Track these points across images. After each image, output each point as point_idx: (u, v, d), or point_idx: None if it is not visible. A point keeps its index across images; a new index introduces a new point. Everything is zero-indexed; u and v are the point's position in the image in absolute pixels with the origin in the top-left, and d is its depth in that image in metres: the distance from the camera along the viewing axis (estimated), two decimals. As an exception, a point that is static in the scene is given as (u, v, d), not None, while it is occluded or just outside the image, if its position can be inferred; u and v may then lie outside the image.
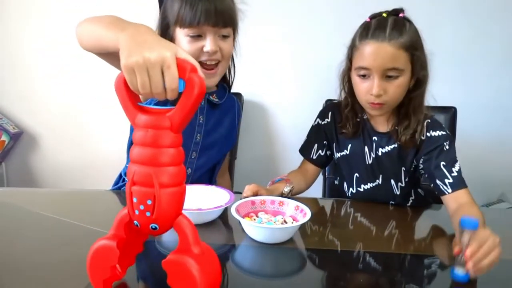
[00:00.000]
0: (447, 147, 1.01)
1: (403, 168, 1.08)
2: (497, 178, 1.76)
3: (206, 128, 1.12)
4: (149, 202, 0.53)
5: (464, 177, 1.00)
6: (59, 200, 1.05)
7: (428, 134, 1.03)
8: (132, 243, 0.60)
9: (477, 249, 0.64)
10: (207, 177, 1.19)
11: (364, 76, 0.97)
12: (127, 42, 0.58)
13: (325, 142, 1.17)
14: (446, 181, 0.97)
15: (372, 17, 1.00)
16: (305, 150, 1.20)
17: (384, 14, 0.98)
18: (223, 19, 0.97)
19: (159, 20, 1.05)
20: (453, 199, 0.95)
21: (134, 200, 0.54)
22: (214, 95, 1.13)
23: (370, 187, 1.11)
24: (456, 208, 0.93)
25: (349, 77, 1.06)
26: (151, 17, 1.08)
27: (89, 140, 1.84)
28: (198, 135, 1.11)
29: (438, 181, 0.98)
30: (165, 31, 1.03)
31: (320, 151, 1.17)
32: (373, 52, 0.94)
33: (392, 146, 1.07)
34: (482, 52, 1.66)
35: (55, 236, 0.80)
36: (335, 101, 1.19)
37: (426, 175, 1.05)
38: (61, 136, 1.85)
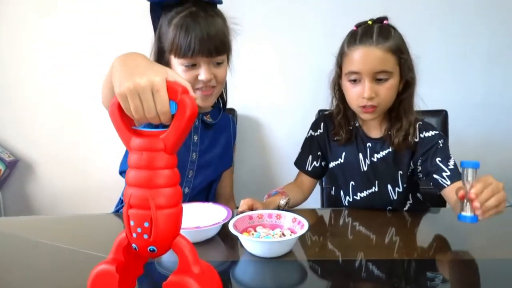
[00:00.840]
0: (441, 144, 1.03)
1: (400, 172, 1.09)
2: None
3: (201, 147, 1.13)
4: (146, 224, 0.53)
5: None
6: (57, 227, 1.05)
7: (422, 136, 1.05)
8: (132, 266, 0.60)
9: (482, 189, 0.65)
10: (204, 195, 1.20)
11: (355, 80, 1.00)
12: (119, 69, 0.59)
13: (319, 153, 1.18)
14: (444, 174, 0.99)
15: (358, 25, 1.04)
16: (300, 162, 1.21)
17: (370, 22, 1.02)
18: (216, 48, 0.98)
19: (155, 44, 1.06)
20: (453, 191, 0.95)
21: (131, 223, 0.54)
22: (208, 115, 1.14)
23: (367, 194, 1.12)
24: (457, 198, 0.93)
25: (339, 85, 1.08)
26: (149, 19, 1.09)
27: (85, 165, 1.84)
28: (194, 153, 1.12)
29: (436, 176, 1.00)
30: (161, 56, 1.04)
31: (315, 163, 1.18)
32: (362, 56, 0.97)
33: (386, 151, 1.08)
34: (471, 53, 1.69)
35: (55, 263, 0.80)
36: (327, 112, 1.20)
37: (424, 176, 1.06)
38: (57, 162, 1.85)
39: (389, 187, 1.10)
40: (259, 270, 0.75)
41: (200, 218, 0.91)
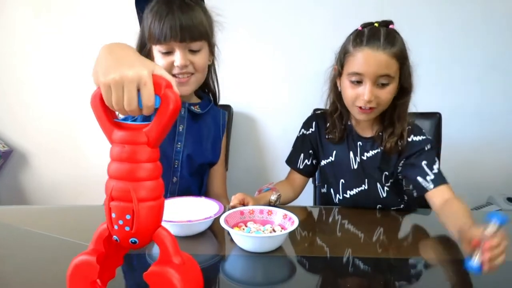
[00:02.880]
0: (428, 148, 1.05)
1: (386, 173, 1.10)
2: (484, 182, 1.79)
3: (188, 137, 1.14)
4: (128, 217, 0.54)
5: (452, 181, 1.03)
6: (48, 217, 1.05)
7: (409, 139, 1.06)
8: (112, 257, 0.60)
9: (497, 244, 0.65)
10: (196, 187, 1.21)
11: (356, 82, 1.00)
12: (106, 57, 0.58)
13: (311, 151, 1.19)
14: (428, 178, 1.00)
15: (364, 26, 1.04)
16: (291, 160, 1.22)
17: (376, 24, 1.02)
18: (190, 34, 1.00)
19: (139, 36, 1.09)
20: (437, 195, 0.98)
21: (113, 215, 0.54)
22: (197, 106, 1.16)
23: (357, 192, 1.13)
24: (441, 203, 0.95)
25: (337, 82, 1.09)
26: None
27: (80, 156, 1.83)
28: (179, 143, 1.13)
29: (419, 178, 1.01)
30: (143, 47, 1.07)
31: (306, 161, 1.19)
32: (368, 58, 0.97)
33: (376, 151, 1.10)
34: (465, 57, 1.70)
35: (45, 253, 0.80)
36: (318, 112, 1.22)
37: (404, 178, 1.08)
38: (51, 153, 1.85)
39: (378, 185, 1.11)
40: (249, 265, 0.76)
41: (192, 212, 0.92)
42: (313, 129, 1.18)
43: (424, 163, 1.02)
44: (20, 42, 1.75)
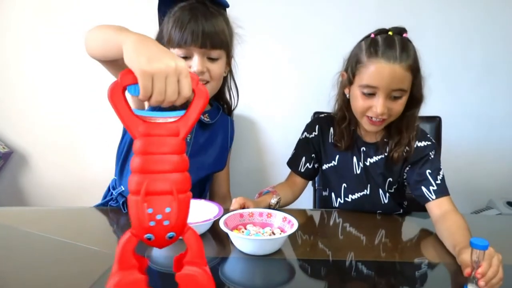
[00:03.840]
0: (432, 156, 1.04)
1: (390, 179, 1.10)
2: (484, 186, 1.79)
3: (194, 147, 1.12)
4: (167, 210, 0.52)
5: (452, 185, 1.03)
6: (47, 218, 1.05)
7: (414, 145, 1.05)
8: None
9: (488, 268, 0.65)
10: (197, 193, 1.19)
11: (368, 94, 0.97)
12: (141, 47, 0.58)
13: (313, 155, 1.19)
14: (431, 188, 1.00)
15: (377, 33, 0.99)
16: (293, 163, 1.21)
17: (390, 33, 0.98)
18: (211, 41, 1.00)
19: (156, 37, 1.08)
20: (437, 206, 0.98)
21: (149, 210, 0.52)
22: (206, 114, 1.14)
23: (358, 196, 1.13)
24: (440, 214, 0.95)
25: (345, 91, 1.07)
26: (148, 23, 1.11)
27: (80, 158, 1.83)
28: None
29: (423, 188, 1.01)
30: None
31: (308, 164, 1.19)
32: (383, 72, 0.93)
33: (379, 157, 1.09)
34: (465, 61, 1.70)
35: (45, 255, 0.80)
36: (322, 115, 1.21)
37: (409, 183, 1.08)
38: (52, 155, 1.85)
39: (380, 191, 1.11)
40: (248, 268, 0.76)
41: (192, 214, 0.92)
42: (316, 133, 1.17)
43: (428, 172, 1.01)
44: (20, 43, 1.76)
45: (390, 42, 0.95)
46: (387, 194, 1.11)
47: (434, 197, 0.99)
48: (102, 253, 0.79)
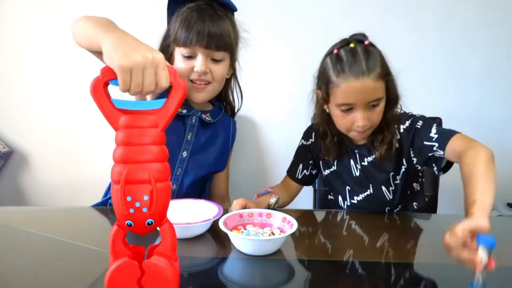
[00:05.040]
0: (420, 125, 1.04)
1: (392, 173, 1.10)
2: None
3: (195, 146, 1.13)
4: (145, 197, 0.55)
5: (453, 187, 1.02)
6: (47, 218, 1.05)
7: (401, 130, 1.05)
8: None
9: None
10: (197, 193, 1.20)
11: (346, 109, 0.97)
12: (118, 43, 0.60)
13: (310, 161, 1.19)
14: (434, 148, 0.99)
15: (339, 47, 0.98)
16: (291, 170, 1.23)
17: (352, 44, 0.97)
18: (215, 43, 1.02)
19: (164, 36, 1.10)
20: (451, 153, 0.95)
21: (128, 198, 0.55)
22: (208, 114, 1.15)
23: (363, 197, 1.13)
24: (459, 159, 0.90)
25: (323, 108, 1.07)
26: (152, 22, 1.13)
27: (80, 158, 1.83)
28: (185, 152, 1.12)
29: (430, 155, 1.00)
30: (166, 47, 1.08)
31: (305, 171, 1.20)
32: (355, 89, 0.93)
33: (373, 156, 1.09)
34: (466, 63, 1.70)
35: (45, 254, 0.80)
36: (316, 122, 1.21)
37: (423, 165, 1.06)
38: (52, 154, 1.85)
39: (383, 188, 1.11)
40: (248, 268, 0.76)
41: (192, 214, 0.92)
42: (312, 140, 1.18)
43: (424, 142, 1.01)
44: (21, 43, 1.76)
45: (354, 55, 0.94)
46: (391, 189, 1.10)
47: (442, 152, 0.96)
48: (102, 252, 0.79)
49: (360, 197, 1.13)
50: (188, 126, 1.12)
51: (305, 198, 1.64)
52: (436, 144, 0.98)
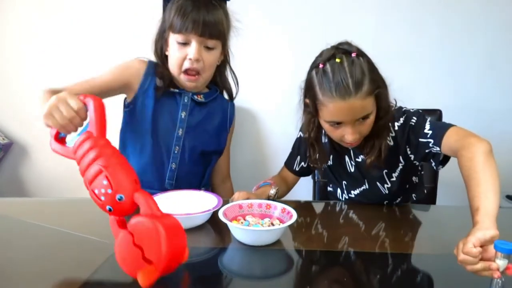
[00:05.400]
0: (413, 122, 1.01)
1: (385, 171, 1.10)
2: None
3: (190, 124, 1.17)
4: (104, 182, 0.64)
5: (453, 178, 1.01)
6: (48, 209, 1.06)
7: (396, 128, 1.03)
8: None
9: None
10: (198, 176, 1.23)
11: (335, 124, 0.95)
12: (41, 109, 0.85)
13: (307, 154, 1.19)
14: (430, 144, 0.96)
15: (325, 61, 0.93)
16: (289, 162, 1.23)
17: (338, 60, 0.90)
18: (209, 31, 1.06)
19: (160, 22, 1.14)
20: (448, 149, 0.93)
21: (96, 191, 0.65)
22: (201, 95, 1.19)
23: (360, 191, 1.13)
24: (457, 154, 0.88)
25: (313, 120, 1.04)
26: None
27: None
28: (180, 129, 1.15)
29: (427, 151, 0.98)
30: (162, 33, 1.13)
31: (302, 163, 1.20)
32: (342, 109, 0.90)
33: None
34: (467, 55, 1.70)
35: (45, 245, 0.81)
36: None
37: (422, 161, 1.05)
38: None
39: (378, 184, 1.11)
40: (247, 258, 0.77)
41: (192, 205, 0.93)
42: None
43: (420, 139, 0.99)
44: (20, 34, 1.75)
45: (340, 73, 0.89)
46: (387, 186, 1.10)
47: (439, 148, 0.94)
48: (102, 243, 0.79)
49: (357, 191, 1.14)
50: (180, 105, 1.16)
51: (305, 190, 1.64)
52: (432, 141, 0.96)
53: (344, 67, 0.89)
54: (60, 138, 0.80)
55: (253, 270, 0.74)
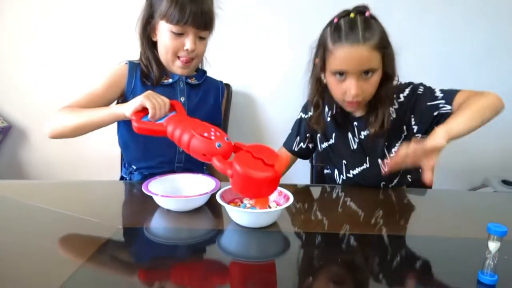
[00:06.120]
0: (421, 90, 1.06)
1: (386, 143, 1.11)
2: (480, 164, 1.80)
3: (190, 107, 1.19)
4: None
5: (449, 163, 1.04)
6: (47, 191, 1.06)
7: (401, 99, 1.07)
8: None
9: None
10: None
11: (340, 78, 0.99)
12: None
13: (307, 135, 1.20)
14: (440, 105, 1.02)
15: (339, 17, 0.99)
16: (288, 142, 1.24)
17: (352, 15, 0.97)
18: (206, 22, 1.09)
19: (145, 9, 1.13)
20: (458, 106, 0.99)
21: (205, 134, 0.83)
22: (193, 78, 1.22)
23: (359, 171, 1.14)
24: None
25: (320, 78, 1.07)
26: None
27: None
28: None
29: (436, 113, 1.03)
30: (148, 22, 1.12)
31: (302, 144, 1.21)
32: (349, 55, 0.94)
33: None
34: (465, 41, 1.69)
35: (44, 226, 0.82)
36: None
37: (428, 127, 1.06)
38: (50, 129, 1.85)
39: (380, 162, 1.12)
40: (244, 239, 0.78)
41: (190, 188, 0.94)
42: (311, 113, 1.18)
43: (428, 103, 1.04)
44: (19, 19, 1.73)
45: (352, 25, 0.95)
46: (387, 162, 1.11)
47: (449, 107, 1.00)
48: (101, 224, 0.81)
49: (356, 171, 1.15)
50: (178, 91, 1.19)
51: (302, 174, 1.65)
52: (443, 101, 1.01)
53: (356, 22, 0.95)
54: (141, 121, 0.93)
55: (250, 251, 0.75)
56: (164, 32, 1.09)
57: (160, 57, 1.15)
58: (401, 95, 1.07)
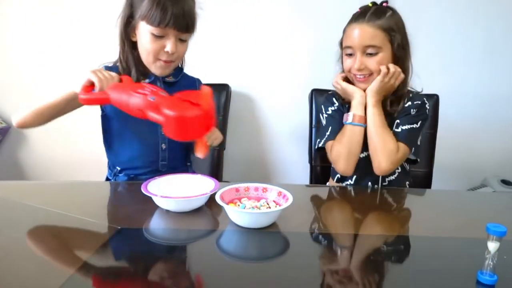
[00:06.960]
0: (413, 112, 1.13)
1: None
2: (480, 163, 1.80)
3: None
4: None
5: (448, 163, 1.05)
6: (46, 192, 1.06)
7: (406, 105, 1.14)
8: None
9: None
10: (183, 154, 1.27)
11: (350, 54, 1.12)
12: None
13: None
14: (394, 127, 1.13)
15: (361, 7, 1.14)
16: (332, 133, 1.21)
17: (370, 4, 1.13)
18: (187, 25, 1.06)
19: (125, 9, 1.11)
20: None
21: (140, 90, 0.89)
22: (170, 76, 1.21)
23: (359, 158, 1.14)
24: None
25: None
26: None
27: (77, 133, 1.83)
28: None
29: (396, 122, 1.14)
30: (128, 22, 1.10)
31: None
32: (354, 31, 1.10)
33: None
34: (465, 40, 1.69)
35: (42, 227, 0.82)
36: (330, 92, 1.27)
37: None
38: (49, 130, 1.84)
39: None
40: (244, 240, 0.78)
41: (189, 188, 0.94)
42: (336, 104, 1.22)
43: (397, 121, 1.13)
44: (18, 20, 1.73)
45: (365, 10, 1.11)
46: None
47: (397, 134, 1.11)
48: (99, 225, 0.80)
49: (362, 155, 1.15)
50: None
51: (301, 174, 1.65)
52: (396, 129, 1.12)
53: (370, 7, 1.11)
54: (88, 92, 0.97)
55: (250, 252, 0.75)
56: (144, 33, 1.06)
57: (140, 57, 1.13)
58: (409, 102, 1.14)
